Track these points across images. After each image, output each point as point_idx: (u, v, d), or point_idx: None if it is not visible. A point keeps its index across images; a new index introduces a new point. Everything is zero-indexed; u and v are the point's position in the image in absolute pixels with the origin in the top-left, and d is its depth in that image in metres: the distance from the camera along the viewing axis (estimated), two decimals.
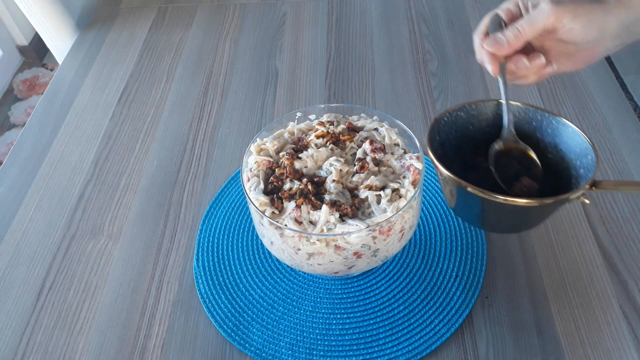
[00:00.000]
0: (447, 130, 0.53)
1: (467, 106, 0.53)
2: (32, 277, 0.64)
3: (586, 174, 0.48)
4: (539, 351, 0.54)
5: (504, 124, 0.51)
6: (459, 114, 0.53)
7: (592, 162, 0.48)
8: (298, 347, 0.55)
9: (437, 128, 0.52)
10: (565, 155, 0.51)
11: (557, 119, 0.51)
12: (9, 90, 2.11)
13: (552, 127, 0.52)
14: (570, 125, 0.51)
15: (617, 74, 0.83)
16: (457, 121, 0.54)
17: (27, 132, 0.82)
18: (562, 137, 0.51)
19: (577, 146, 0.50)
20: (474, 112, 0.54)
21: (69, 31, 1.00)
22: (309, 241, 0.48)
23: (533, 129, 0.53)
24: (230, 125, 0.80)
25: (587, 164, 0.48)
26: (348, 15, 0.99)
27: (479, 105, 0.54)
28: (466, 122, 0.54)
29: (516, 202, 0.45)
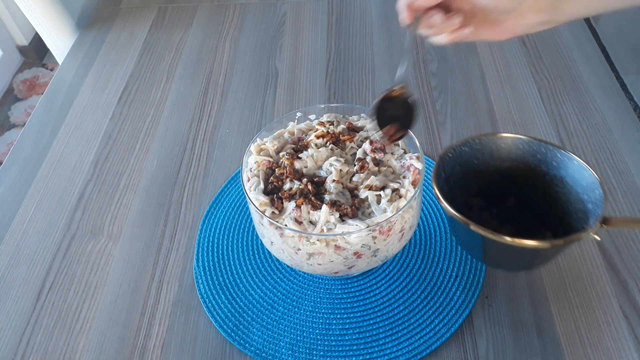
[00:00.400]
0: (452, 165, 0.53)
1: (471, 141, 0.54)
2: (32, 277, 0.64)
3: (595, 209, 0.47)
4: (539, 351, 0.54)
5: (400, 72, 0.50)
6: (463, 148, 0.54)
7: (600, 197, 0.47)
8: (298, 347, 0.55)
9: (442, 165, 0.52)
10: (572, 188, 0.51)
11: (562, 152, 0.51)
12: (9, 90, 2.11)
13: (557, 159, 0.52)
14: (575, 159, 0.50)
15: (617, 74, 0.83)
16: (462, 156, 0.54)
17: (27, 132, 0.82)
18: (568, 170, 0.51)
19: (584, 180, 0.50)
20: (478, 146, 0.54)
21: (69, 31, 1.00)
22: (309, 241, 0.48)
23: (537, 162, 0.53)
24: (230, 125, 0.80)
25: (595, 198, 0.48)
26: (348, 15, 0.99)
27: (482, 139, 0.54)
28: (470, 156, 0.55)
29: (524, 243, 0.44)
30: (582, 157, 0.71)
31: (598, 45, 0.88)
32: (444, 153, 0.53)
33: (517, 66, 0.85)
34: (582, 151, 0.72)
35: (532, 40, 0.90)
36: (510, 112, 0.78)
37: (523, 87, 0.82)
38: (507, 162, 0.55)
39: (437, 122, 0.78)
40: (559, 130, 0.75)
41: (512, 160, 0.55)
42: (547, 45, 0.89)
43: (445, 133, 0.76)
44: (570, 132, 0.74)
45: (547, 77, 0.83)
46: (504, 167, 0.55)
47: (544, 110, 0.78)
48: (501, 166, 0.55)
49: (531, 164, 0.54)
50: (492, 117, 0.78)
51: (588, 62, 0.85)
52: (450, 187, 0.52)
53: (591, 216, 0.48)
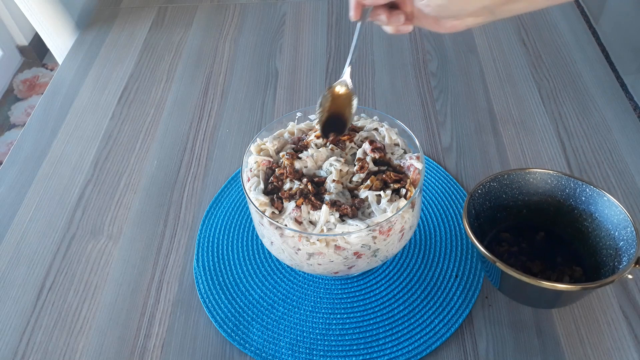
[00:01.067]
0: (481, 201, 0.54)
1: (500, 176, 0.55)
2: (32, 277, 0.64)
3: (627, 247, 0.47)
4: (539, 351, 0.54)
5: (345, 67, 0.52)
6: (492, 184, 0.55)
7: (632, 234, 0.47)
8: (298, 347, 0.55)
9: (471, 202, 0.53)
10: (602, 224, 0.51)
11: (591, 188, 0.52)
12: (9, 90, 2.11)
13: (586, 194, 0.52)
14: (604, 195, 0.51)
15: (617, 74, 0.83)
16: (491, 192, 0.55)
17: (27, 132, 0.82)
18: (597, 206, 0.52)
19: (614, 216, 0.50)
20: (506, 181, 0.55)
21: (69, 31, 1.00)
22: (309, 241, 0.48)
23: (566, 196, 0.54)
24: (230, 125, 0.80)
25: (626, 236, 0.48)
26: (348, 15, 0.99)
27: (510, 174, 0.55)
28: (499, 191, 0.56)
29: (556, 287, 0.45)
30: (582, 157, 0.71)
31: (598, 45, 0.88)
32: (474, 190, 0.54)
33: (517, 66, 0.85)
34: (582, 151, 0.72)
35: (532, 40, 0.90)
36: (510, 112, 0.78)
37: (523, 87, 0.82)
38: (535, 196, 0.55)
39: (437, 122, 0.78)
40: (559, 130, 0.75)
41: (540, 195, 0.55)
42: (547, 45, 0.89)
43: (445, 133, 0.76)
44: (570, 132, 0.74)
45: (547, 77, 0.83)
46: (532, 201, 0.56)
47: (544, 110, 0.78)
48: (529, 200, 0.56)
49: (560, 199, 0.54)
50: (492, 117, 0.78)
51: (588, 62, 0.85)
52: (480, 222, 0.53)
53: (623, 255, 0.47)
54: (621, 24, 0.94)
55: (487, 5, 0.42)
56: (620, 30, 0.94)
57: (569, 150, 0.72)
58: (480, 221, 0.54)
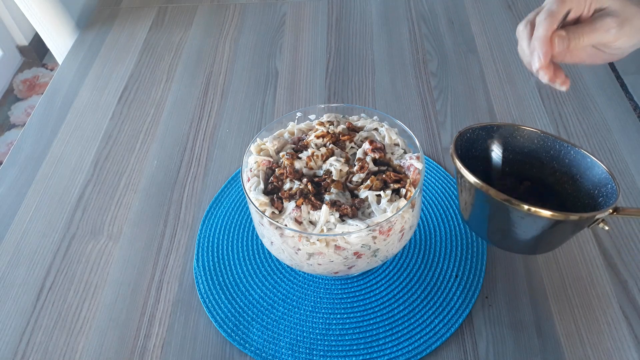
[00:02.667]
0: (467, 146, 0.53)
1: (489, 126, 0.54)
2: (32, 277, 0.64)
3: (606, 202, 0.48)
4: (539, 351, 0.54)
5: None
6: (481, 132, 0.54)
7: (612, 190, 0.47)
8: (298, 347, 0.55)
9: (460, 141, 0.52)
10: (582, 185, 0.51)
11: (576, 150, 0.51)
12: (9, 90, 2.11)
13: (570, 157, 0.52)
14: (589, 156, 0.50)
15: (617, 74, 0.83)
16: (478, 140, 0.54)
17: (27, 132, 0.82)
18: (580, 168, 0.51)
19: (596, 176, 0.50)
20: (495, 133, 0.54)
21: (69, 31, 1.00)
22: (309, 241, 0.48)
23: (550, 158, 0.53)
24: (230, 125, 0.80)
25: (606, 192, 0.48)
26: (348, 15, 0.99)
27: (500, 127, 0.54)
28: (485, 142, 0.55)
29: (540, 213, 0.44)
30: None
31: None
32: (464, 131, 0.53)
33: (517, 66, 0.85)
34: None
35: None
36: (510, 112, 0.78)
37: (523, 87, 0.82)
38: (520, 155, 0.54)
39: (437, 122, 0.78)
40: (559, 130, 0.75)
41: (525, 154, 0.54)
42: None
43: (445, 133, 0.76)
44: (570, 132, 0.74)
45: None
46: (516, 159, 0.55)
47: (544, 110, 0.78)
48: (513, 158, 0.55)
49: (543, 160, 0.54)
50: (492, 117, 0.78)
51: None
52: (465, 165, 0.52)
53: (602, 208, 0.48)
54: None
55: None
56: None
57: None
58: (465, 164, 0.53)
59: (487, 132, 0.54)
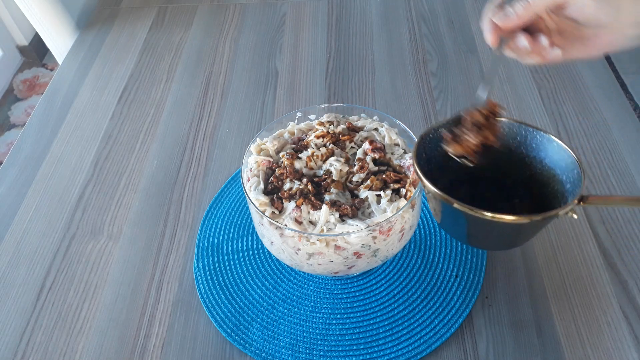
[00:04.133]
0: (432, 146, 0.52)
1: (452, 121, 0.53)
2: (32, 277, 0.64)
3: (573, 188, 0.48)
4: (539, 351, 0.54)
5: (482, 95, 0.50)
6: (444, 130, 0.53)
7: (578, 176, 0.47)
8: (298, 347, 0.55)
9: (422, 145, 0.51)
10: (551, 169, 0.51)
11: (542, 134, 0.51)
12: (9, 90, 2.11)
13: (537, 141, 0.52)
14: (554, 140, 0.50)
15: (617, 74, 0.83)
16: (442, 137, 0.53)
17: (27, 132, 0.82)
18: (547, 152, 0.51)
19: (563, 161, 0.50)
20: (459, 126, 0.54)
21: (69, 31, 1.00)
22: (309, 241, 0.48)
23: (517, 144, 0.53)
24: (230, 125, 0.80)
25: (573, 178, 0.48)
26: (348, 15, 0.99)
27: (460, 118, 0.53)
28: None
29: (504, 219, 0.44)
30: (582, 157, 0.71)
31: None
32: (425, 133, 0.52)
33: (517, 66, 0.85)
34: (582, 151, 0.72)
35: None
36: (511, 112, 0.78)
37: (523, 87, 0.82)
38: None
39: None
40: (559, 130, 0.75)
41: None
42: None
43: None
44: (570, 132, 0.74)
45: (547, 77, 0.83)
46: (485, 148, 0.54)
47: (544, 110, 0.78)
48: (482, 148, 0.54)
49: (511, 147, 0.54)
50: None
51: (588, 62, 0.85)
52: (431, 167, 0.51)
53: (569, 196, 0.48)
54: None
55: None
56: None
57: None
58: (432, 166, 0.52)
59: (450, 127, 0.52)
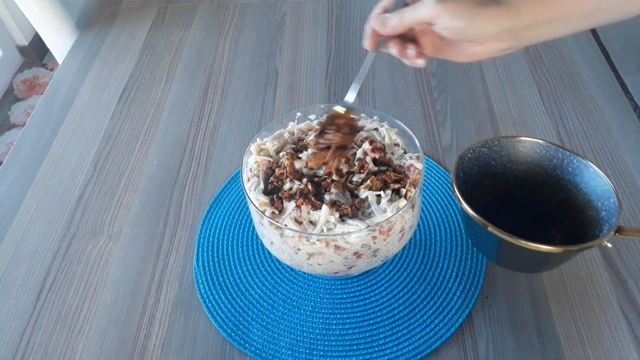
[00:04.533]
0: (470, 166, 0.54)
1: (490, 142, 0.55)
2: (32, 277, 0.64)
3: (609, 217, 0.48)
4: (539, 351, 0.54)
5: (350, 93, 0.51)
6: (482, 149, 0.55)
7: (614, 205, 0.48)
8: (298, 347, 0.55)
9: (461, 165, 0.53)
10: (586, 195, 0.52)
11: (578, 159, 0.52)
12: (9, 90, 2.11)
13: (573, 165, 0.53)
14: (591, 166, 0.51)
15: (617, 74, 0.83)
16: (480, 157, 0.55)
17: (27, 132, 0.82)
18: (583, 177, 0.52)
19: (599, 187, 0.50)
20: (496, 147, 0.55)
21: (69, 31, 1.00)
22: (309, 241, 0.48)
23: (553, 166, 0.54)
24: (230, 125, 0.80)
25: (609, 207, 0.48)
26: (348, 15, 0.99)
27: (501, 141, 0.55)
28: (488, 157, 0.55)
29: (539, 248, 0.45)
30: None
31: (598, 45, 0.88)
32: (464, 153, 0.54)
33: (517, 66, 0.85)
34: (582, 151, 0.72)
35: None
36: (510, 112, 0.78)
37: (523, 87, 0.82)
38: (523, 165, 0.55)
39: (437, 122, 0.78)
40: (559, 130, 0.75)
41: (528, 164, 0.55)
42: (547, 45, 0.89)
43: (445, 133, 0.76)
44: (570, 132, 0.74)
45: (547, 77, 0.83)
46: (520, 169, 0.56)
47: (544, 110, 0.78)
48: (517, 169, 0.56)
49: (547, 169, 0.54)
50: (492, 117, 0.78)
51: (588, 62, 0.85)
52: (467, 187, 0.53)
53: (604, 224, 0.48)
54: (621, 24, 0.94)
55: (509, 27, 0.41)
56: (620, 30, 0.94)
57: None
58: (468, 185, 0.53)
59: (488, 147, 0.55)
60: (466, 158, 0.54)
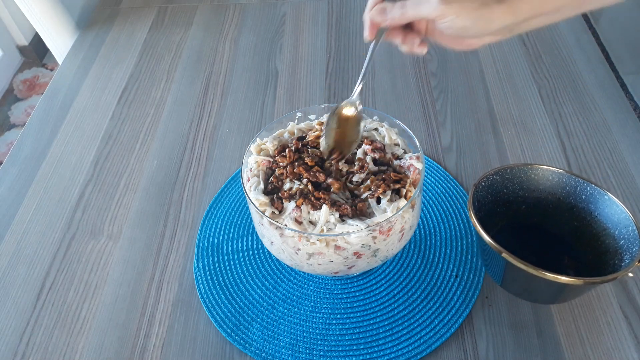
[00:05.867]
0: (484, 193, 0.55)
1: (503, 170, 0.55)
2: (32, 277, 0.64)
3: (629, 246, 0.47)
4: (539, 351, 0.54)
5: (355, 88, 0.51)
6: (495, 177, 0.55)
7: (633, 234, 0.47)
8: (298, 347, 0.55)
9: (475, 193, 0.54)
10: (602, 223, 0.52)
11: (592, 187, 0.52)
12: (9, 90, 2.11)
13: (586, 193, 0.53)
14: (605, 194, 0.51)
15: (617, 74, 0.83)
16: (493, 185, 0.56)
17: (27, 132, 0.82)
18: (597, 204, 0.52)
19: (615, 215, 0.50)
20: (509, 175, 0.56)
21: (69, 31, 1.00)
22: (309, 241, 0.48)
23: (566, 194, 0.54)
24: (230, 125, 0.80)
25: (627, 235, 0.48)
26: (348, 15, 0.99)
27: (513, 169, 0.56)
28: (501, 185, 0.56)
29: (558, 279, 0.45)
30: (582, 157, 0.71)
31: (598, 45, 0.88)
32: (478, 182, 0.54)
33: (517, 66, 0.85)
34: (582, 151, 0.72)
35: (532, 40, 0.90)
36: (510, 112, 0.78)
37: (523, 87, 0.82)
38: (535, 192, 0.56)
39: (437, 122, 0.78)
40: (559, 130, 0.75)
41: (540, 191, 0.56)
42: (547, 45, 0.89)
43: (445, 133, 0.76)
44: (570, 132, 0.74)
45: (547, 77, 0.83)
46: (532, 197, 0.57)
47: (544, 110, 0.78)
48: (529, 196, 0.57)
49: (560, 196, 0.55)
50: (492, 117, 0.78)
51: (588, 62, 0.85)
52: (481, 216, 0.53)
53: (625, 253, 0.48)
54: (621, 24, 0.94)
55: (508, 24, 0.42)
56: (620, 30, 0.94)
57: (569, 150, 0.72)
58: (482, 214, 0.54)
59: (501, 175, 0.56)
60: (480, 187, 0.54)
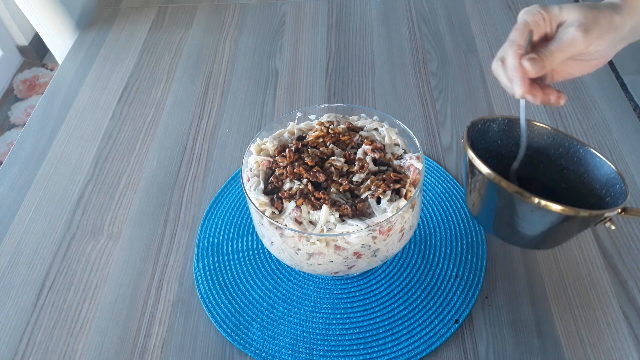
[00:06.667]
0: (478, 137, 0.53)
1: (500, 119, 0.54)
2: (32, 277, 0.64)
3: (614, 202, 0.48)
4: (539, 351, 0.54)
5: (521, 147, 0.51)
6: (492, 125, 0.54)
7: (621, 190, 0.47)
8: (298, 347, 0.55)
9: (472, 130, 0.52)
10: (589, 184, 0.51)
11: (585, 149, 0.51)
12: (9, 90, 2.11)
13: (579, 155, 0.52)
14: (597, 155, 0.50)
15: (617, 74, 0.83)
16: (488, 132, 0.54)
17: (27, 132, 0.82)
18: (589, 167, 0.51)
19: (604, 176, 0.50)
20: (505, 127, 0.54)
21: (69, 31, 1.00)
22: (309, 241, 0.48)
23: (558, 155, 0.53)
24: (230, 125, 0.80)
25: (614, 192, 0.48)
26: (348, 15, 0.99)
27: (511, 120, 0.54)
28: (495, 136, 0.54)
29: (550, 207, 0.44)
30: None
31: None
32: (476, 121, 0.52)
33: None
34: None
35: None
36: (511, 112, 0.78)
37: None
38: (528, 150, 0.54)
39: (437, 122, 0.78)
40: (559, 130, 0.75)
41: (533, 150, 0.54)
42: None
43: (445, 133, 0.76)
44: (570, 132, 0.74)
45: None
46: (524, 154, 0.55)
47: (544, 110, 0.78)
48: None
49: (551, 157, 0.54)
50: None
51: None
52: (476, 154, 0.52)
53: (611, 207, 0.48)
54: None
55: (633, 25, 0.43)
56: None
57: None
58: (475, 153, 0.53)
59: (498, 125, 0.54)
60: (477, 127, 0.52)
